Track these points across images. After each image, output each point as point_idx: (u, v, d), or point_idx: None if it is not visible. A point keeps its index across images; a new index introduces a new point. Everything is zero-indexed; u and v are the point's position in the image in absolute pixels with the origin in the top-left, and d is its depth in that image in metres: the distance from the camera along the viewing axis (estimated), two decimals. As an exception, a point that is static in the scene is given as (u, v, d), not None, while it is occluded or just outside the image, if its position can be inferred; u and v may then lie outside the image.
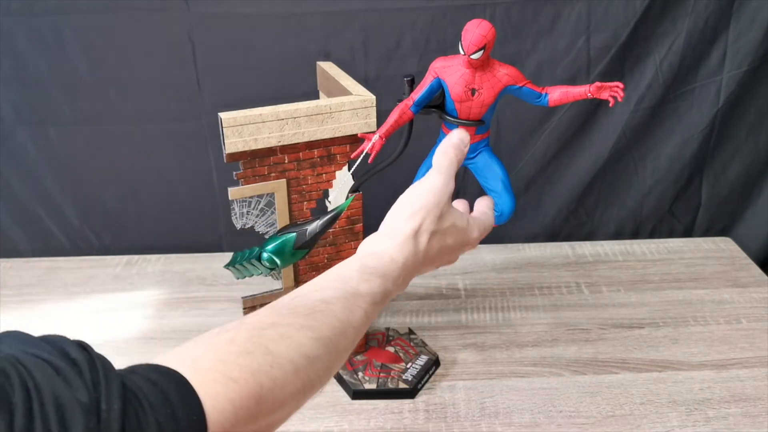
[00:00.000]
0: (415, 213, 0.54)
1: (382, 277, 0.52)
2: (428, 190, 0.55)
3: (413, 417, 0.79)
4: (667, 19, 1.03)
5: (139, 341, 0.93)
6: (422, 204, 0.55)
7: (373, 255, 0.54)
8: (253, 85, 1.04)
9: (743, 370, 0.85)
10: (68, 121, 1.07)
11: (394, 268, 0.53)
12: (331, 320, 0.48)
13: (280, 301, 0.49)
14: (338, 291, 0.50)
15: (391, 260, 0.53)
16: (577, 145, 1.12)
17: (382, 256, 0.53)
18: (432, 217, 0.55)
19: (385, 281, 0.52)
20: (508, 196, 0.77)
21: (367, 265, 0.52)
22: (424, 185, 0.56)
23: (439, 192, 0.56)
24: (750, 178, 1.17)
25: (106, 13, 0.99)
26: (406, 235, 0.54)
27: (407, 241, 0.54)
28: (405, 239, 0.54)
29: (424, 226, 0.54)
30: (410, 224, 0.54)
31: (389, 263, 0.53)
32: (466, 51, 0.67)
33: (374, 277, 0.52)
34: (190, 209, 1.15)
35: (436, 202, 0.55)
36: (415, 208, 0.55)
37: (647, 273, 1.08)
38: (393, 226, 0.55)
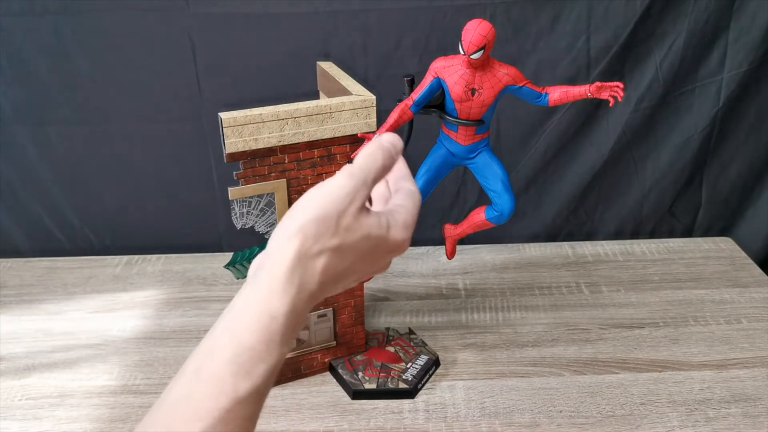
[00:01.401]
0: (304, 226, 0.39)
1: (266, 357, 0.38)
2: (327, 195, 0.40)
3: (413, 417, 0.79)
4: (667, 19, 1.03)
5: (139, 341, 0.93)
6: (318, 214, 0.39)
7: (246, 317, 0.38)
8: (253, 85, 1.04)
9: (743, 370, 0.85)
10: (68, 121, 1.07)
11: (277, 328, 0.38)
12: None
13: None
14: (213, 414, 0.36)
15: (271, 319, 0.38)
16: (577, 145, 1.12)
17: (259, 317, 0.38)
18: (330, 232, 0.39)
19: (270, 358, 0.38)
20: (508, 196, 0.77)
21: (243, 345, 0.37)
22: (323, 189, 0.40)
23: (344, 199, 0.40)
24: (750, 178, 1.17)
25: (106, 13, 0.99)
26: (289, 263, 0.38)
27: (292, 274, 0.38)
28: (288, 271, 0.38)
29: (317, 245, 0.39)
30: (295, 245, 0.38)
31: (270, 324, 0.38)
32: (466, 51, 0.67)
33: (255, 365, 0.37)
34: (190, 209, 1.15)
35: (338, 212, 0.39)
36: (305, 219, 0.39)
37: (647, 273, 1.07)
38: (275, 245, 0.40)
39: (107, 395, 0.82)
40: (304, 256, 0.39)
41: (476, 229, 0.82)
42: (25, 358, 0.89)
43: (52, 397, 0.82)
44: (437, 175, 0.79)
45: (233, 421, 0.37)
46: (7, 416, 0.79)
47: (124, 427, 0.78)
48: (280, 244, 0.39)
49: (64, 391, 0.83)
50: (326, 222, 0.39)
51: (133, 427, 0.77)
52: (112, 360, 0.89)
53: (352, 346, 0.87)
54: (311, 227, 0.39)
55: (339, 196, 0.40)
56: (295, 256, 0.38)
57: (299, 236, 0.39)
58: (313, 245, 0.39)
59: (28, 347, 0.92)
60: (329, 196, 0.40)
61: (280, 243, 0.39)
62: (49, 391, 0.83)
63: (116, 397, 0.82)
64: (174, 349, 0.91)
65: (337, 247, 0.40)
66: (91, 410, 0.80)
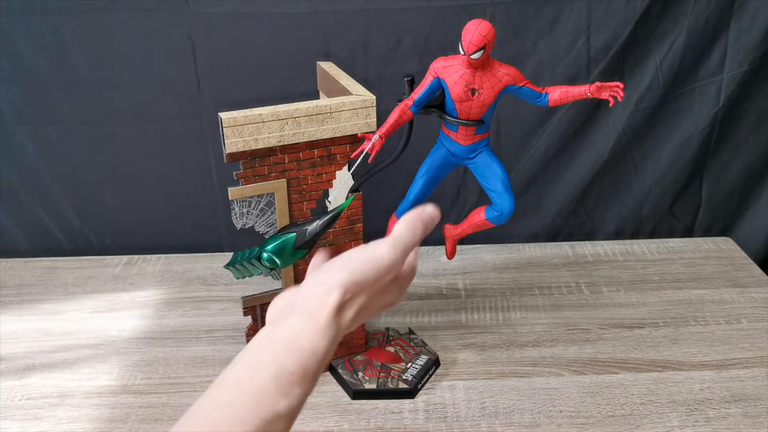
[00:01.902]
0: (346, 285, 0.44)
1: (303, 383, 0.42)
2: (373, 263, 0.45)
3: (413, 417, 0.79)
4: (667, 19, 1.03)
5: (139, 341, 0.93)
6: (360, 278, 0.45)
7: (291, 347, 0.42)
8: (253, 85, 1.04)
9: (743, 370, 0.85)
10: (68, 121, 1.07)
11: (314, 362, 0.43)
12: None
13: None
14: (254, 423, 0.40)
15: (311, 354, 0.42)
16: (577, 145, 1.12)
17: (302, 348, 0.42)
18: (365, 294, 0.45)
19: (306, 386, 0.42)
20: (508, 196, 0.77)
21: (285, 370, 0.41)
22: (370, 255, 0.46)
23: (386, 270, 0.45)
24: (750, 178, 1.17)
25: (106, 13, 0.99)
26: (329, 312, 0.43)
27: (331, 323, 0.44)
28: (328, 319, 0.43)
29: (352, 303, 0.45)
30: (335, 298, 0.44)
31: (310, 358, 0.42)
32: (466, 51, 0.67)
33: (294, 388, 0.41)
34: (190, 209, 1.15)
35: (375, 279, 0.45)
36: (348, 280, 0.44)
37: (647, 273, 1.07)
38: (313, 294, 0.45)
39: (107, 395, 0.82)
40: (341, 309, 0.44)
41: (476, 229, 0.82)
42: (25, 358, 0.89)
43: (52, 397, 0.82)
44: (437, 175, 0.79)
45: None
46: (7, 416, 0.79)
47: (124, 427, 0.78)
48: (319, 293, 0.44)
49: (64, 391, 0.83)
50: (365, 286, 0.45)
51: (134, 427, 0.77)
52: (112, 360, 0.89)
53: (352, 346, 0.87)
54: (352, 288, 0.44)
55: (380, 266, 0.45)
56: (335, 308, 0.44)
57: (340, 292, 0.44)
58: (350, 301, 0.45)
59: (28, 347, 0.92)
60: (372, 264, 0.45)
61: (320, 292, 0.44)
62: (49, 391, 0.83)
63: (116, 397, 0.82)
64: (174, 349, 0.91)
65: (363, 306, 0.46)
66: (91, 410, 0.80)
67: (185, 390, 0.83)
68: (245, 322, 0.83)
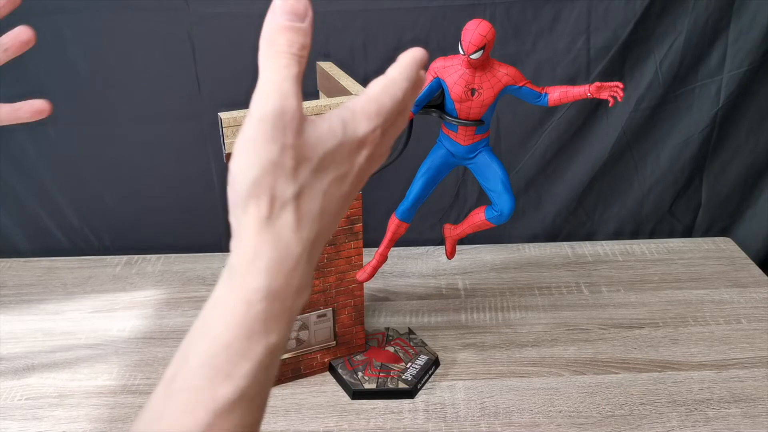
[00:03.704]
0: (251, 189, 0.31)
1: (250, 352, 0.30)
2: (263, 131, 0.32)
3: (413, 417, 0.79)
4: (667, 19, 1.03)
5: (139, 341, 0.93)
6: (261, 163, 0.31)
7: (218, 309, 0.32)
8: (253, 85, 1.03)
9: (743, 371, 0.85)
10: (68, 121, 1.06)
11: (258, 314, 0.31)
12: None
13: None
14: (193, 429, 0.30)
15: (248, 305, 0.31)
16: (577, 145, 1.12)
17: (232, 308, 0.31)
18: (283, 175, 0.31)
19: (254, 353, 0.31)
20: (508, 196, 0.77)
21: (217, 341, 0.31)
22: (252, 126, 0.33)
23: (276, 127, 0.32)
24: (750, 178, 1.17)
25: (106, 13, 0.99)
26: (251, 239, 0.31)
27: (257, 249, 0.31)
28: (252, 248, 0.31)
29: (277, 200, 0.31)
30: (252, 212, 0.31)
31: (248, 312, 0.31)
32: (465, 51, 0.68)
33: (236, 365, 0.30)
34: (190, 209, 1.15)
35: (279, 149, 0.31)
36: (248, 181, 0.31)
37: (647, 273, 1.07)
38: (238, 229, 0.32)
39: (107, 395, 0.83)
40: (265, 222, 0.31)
41: (476, 229, 0.82)
42: (25, 358, 0.89)
43: (51, 397, 0.82)
44: (437, 175, 0.79)
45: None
46: (7, 416, 0.79)
47: (124, 427, 0.78)
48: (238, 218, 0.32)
49: (63, 391, 0.83)
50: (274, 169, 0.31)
51: (133, 427, 0.77)
52: (111, 360, 0.89)
53: (351, 346, 0.87)
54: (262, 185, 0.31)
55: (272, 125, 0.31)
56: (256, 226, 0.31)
57: (252, 202, 0.31)
58: (272, 204, 0.31)
59: (28, 347, 0.92)
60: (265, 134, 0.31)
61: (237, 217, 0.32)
62: (49, 391, 0.83)
63: (116, 397, 0.82)
64: (174, 349, 0.90)
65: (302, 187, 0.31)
66: (91, 410, 0.80)
67: (185, 390, 0.83)
68: (245, 322, 0.83)
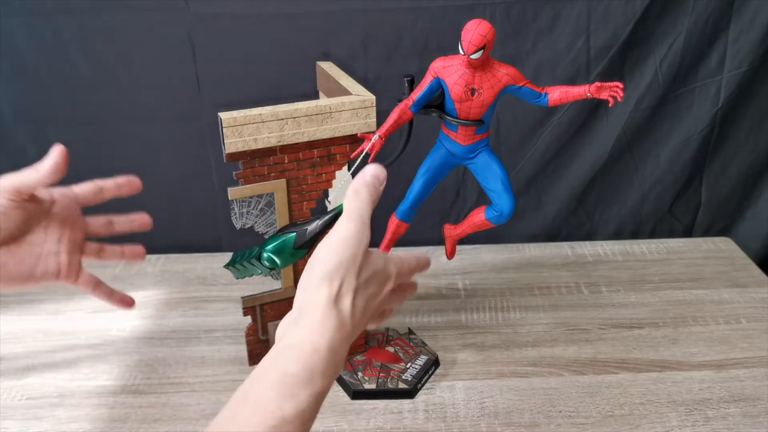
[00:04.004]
0: (329, 275, 0.45)
1: (309, 384, 0.42)
2: (340, 243, 0.46)
3: (413, 417, 0.79)
4: (667, 19, 1.03)
5: (139, 341, 0.93)
6: (336, 262, 0.45)
7: (291, 351, 0.43)
8: (253, 85, 1.04)
9: (743, 370, 0.85)
10: (68, 121, 1.07)
11: (319, 360, 0.43)
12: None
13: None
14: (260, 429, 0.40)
15: (313, 351, 0.43)
16: (577, 145, 1.12)
17: (301, 350, 0.43)
18: (351, 273, 0.46)
19: (313, 386, 0.42)
20: (508, 196, 0.77)
21: (287, 373, 0.42)
22: (333, 238, 0.47)
23: (354, 242, 0.46)
24: (750, 178, 1.17)
25: (106, 13, 0.99)
26: (323, 307, 0.44)
27: (327, 315, 0.44)
28: (323, 313, 0.44)
29: (344, 288, 0.45)
30: (325, 291, 0.45)
31: (311, 357, 0.43)
32: (465, 51, 0.67)
33: (299, 390, 0.41)
34: (190, 209, 1.15)
35: (353, 255, 0.46)
36: (328, 269, 0.45)
37: (647, 273, 1.07)
38: (306, 300, 0.45)
39: (107, 395, 0.83)
40: (334, 300, 0.45)
41: (476, 229, 0.82)
42: (25, 358, 0.89)
43: (52, 397, 0.82)
44: (437, 175, 0.79)
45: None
46: (7, 416, 0.79)
47: (124, 427, 0.78)
48: (309, 294, 0.45)
49: (64, 391, 0.83)
50: (346, 266, 0.45)
51: (133, 427, 0.77)
52: (111, 360, 0.89)
53: (351, 346, 0.87)
54: (334, 274, 0.45)
55: (349, 241, 0.46)
56: (326, 301, 0.44)
57: (325, 284, 0.45)
58: (341, 288, 0.45)
59: (28, 347, 0.92)
60: (342, 243, 0.46)
61: (309, 294, 0.45)
62: (49, 391, 0.83)
63: (116, 397, 0.82)
64: (174, 349, 0.91)
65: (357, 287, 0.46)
66: (91, 410, 0.80)
67: (185, 390, 0.83)
68: (245, 322, 0.83)
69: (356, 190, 0.49)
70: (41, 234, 0.62)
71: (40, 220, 0.62)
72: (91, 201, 0.68)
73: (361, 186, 0.49)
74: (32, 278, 0.61)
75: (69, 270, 0.64)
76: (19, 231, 0.60)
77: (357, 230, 0.47)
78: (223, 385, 0.84)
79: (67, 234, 0.64)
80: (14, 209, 0.59)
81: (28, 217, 0.61)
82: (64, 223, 0.64)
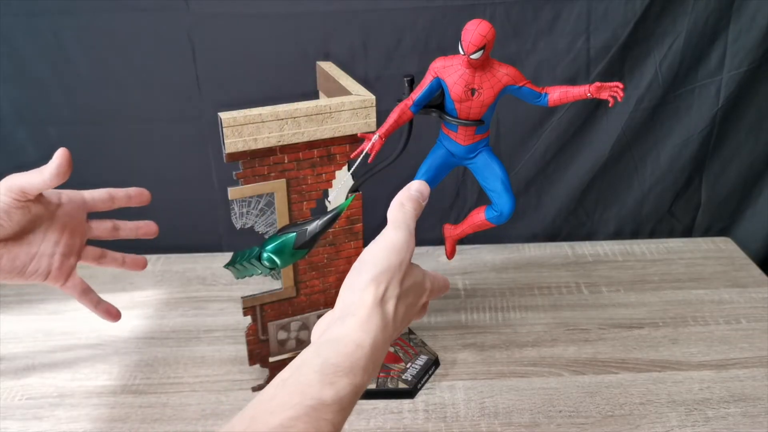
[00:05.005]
0: (377, 277, 0.47)
1: (350, 374, 0.43)
2: (389, 249, 0.49)
3: (413, 417, 0.79)
4: (667, 19, 1.03)
5: (139, 341, 0.93)
6: (385, 266, 0.48)
7: (334, 344, 0.44)
8: (253, 85, 1.04)
9: (743, 370, 0.85)
10: (68, 121, 1.07)
11: (362, 356, 0.44)
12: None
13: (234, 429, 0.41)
14: (298, 408, 0.41)
15: (357, 347, 0.44)
16: (577, 145, 1.12)
17: (345, 343, 0.44)
18: (396, 280, 0.48)
19: (354, 377, 0.43)
20: (508, 196, 0.77)
21: (328, 362, 0.43)
22: (382, 244, 0.49)
23: (402, 250, 0.49)
24: (750, 178, 1.17)
25: (106, 13, 0.99)
26: (369, 307, 0.46)
27: (372, 315, 0.46)
28: (369, 313, 0.46)
29: (389, 292, 0.47)
30: (372, 292, 0.47)
31: (355, 351, 0.44)
32: (465, 51, 0.67)
33: (339, 378, 0.43)
34: (190, 209, 1.15)
35: (400, 262, 0.48)
36: (376, 272, 0.48)
37: (647, 273, 1.08)
38: (353, 300, 0.47)
39: (107, 395, 0.83)
40: (380, 301, 0.47)
41: (476, 229, 0.82)
42: (25, 358, 0.89)
43: (52, 397, 0.82)
44: (437, 176, 0.79)
45: (317, 420, 0.41)
46: (7, 416, 0.79)
47: (124, 427, 0.78)
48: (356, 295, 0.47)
49: (64, 391, 0.83)
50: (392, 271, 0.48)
51: (133, 427, 0.78)
52: (112, 360, 0.89)
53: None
54: (381, 277, 0.47)
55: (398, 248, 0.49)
56: (373, 301, 0.46)
57: (372, 286, 0.47)
58: (386, 291, 0.47)
59: (28, 347, 0.92)
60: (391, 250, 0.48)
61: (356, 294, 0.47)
62: (49, 391, 0.83)
63: (116, 397, 0.82)
64: (174, 349, 0.91)
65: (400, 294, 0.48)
66: (91, 410, 0.80)
67: (185, 390, 0.83)
68: (245, 322, 0.83)
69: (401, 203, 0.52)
70: (41, 235, 0.62)
71: (43, 221, 0.63)
72: (99, 208, 0.68)
73: (407, 200, 0.52)
74: (21, 275, 0.62)
75: (59, 273, 0.64)
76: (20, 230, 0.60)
77: (405, 239, 0.49)
78: (223, 385, 0.84)
79: (66, 238, 0.64)
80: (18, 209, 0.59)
81: (32, 218, 0.61)
82: (66, 227, 0.64)
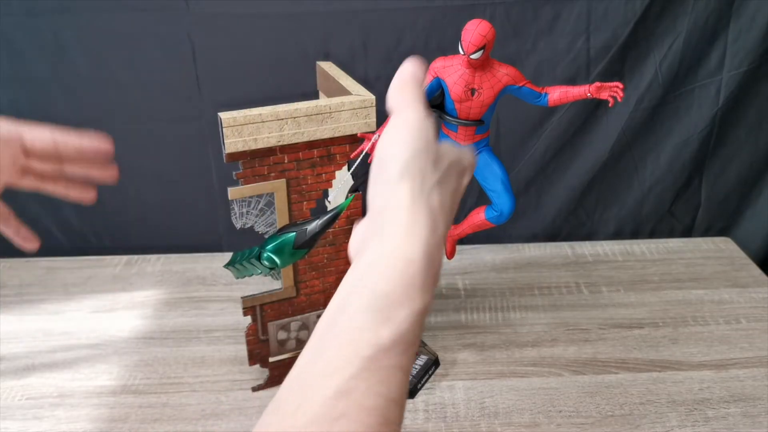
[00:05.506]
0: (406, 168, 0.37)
1: (406, 301, 0.34)
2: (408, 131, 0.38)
3: (413, 417, 0.79)
4: (667, 19, 1.03)
5: (139, 341, 0.93)
6: (410, 152, 0.37)
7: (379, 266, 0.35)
8: (253, 85, 1.04)
9: (743, 370, 0.85)
10: (68, 121, 1.06)
11: (416, 271, 0.34)
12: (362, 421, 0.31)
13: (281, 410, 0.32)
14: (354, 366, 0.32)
15: (407, 262, 0.34)
16: (577, 145, 1.12)
17: (392, 262, 0.34)
18: (430, 163, 0.38)
19: (412, 303, 0.34)
20: (508, 196, 0.77)
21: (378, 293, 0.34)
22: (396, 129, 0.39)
23: (423, 128, 0.38)
24: (750, 178, 1.17)
25: (106, 13, 0.99)
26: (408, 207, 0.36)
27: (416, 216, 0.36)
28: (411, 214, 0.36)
29: (427, 181, 0.37)
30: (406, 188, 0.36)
31: (407, 268, 0.34)
32: (465, 51, 0.68)
33: (396, 310, 0.33)
34: (190, 209, 1.15)
35: (426, 143, 0.38)
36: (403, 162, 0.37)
37: (647, 273, 1.08)
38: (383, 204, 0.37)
39: (107, 395, 0.83)
40: (418, 196, 0.36)
41: (476, 229, 0.82)
42: (25, 358, 0.89)
43: (52, 397, 0.82)
44: (437, 175, 0.79)
45: (379, 371, 0.32)
46: (7, 416, 0.79)
47: (124, 427, 0.78)
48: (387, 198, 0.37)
49: (64, 391, 0.83)
50: (422, 156, 0.37)
51: (133, 427, 0.77)
52: (111, 360, 0.89)
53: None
54: (412, 165, 0.37)
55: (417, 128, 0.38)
56: (411, 199, 0.36)
57: (406, 179, 0.37)
58: (422, 183, 0.37)
59: (28, 347, 0.92)
60: (409, 132, 0.38)
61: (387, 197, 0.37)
62: (49, 391, 0.83)
63: (116, 397, 0.82)
64: (173, 349, 0.91)
65: (441, 179, 0.38)
66: (91, 410, 0.80)
67: (185, 390, 0.83)
68: (245, 322, 0.83)
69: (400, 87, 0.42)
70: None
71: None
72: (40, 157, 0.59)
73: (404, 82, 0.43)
74: None
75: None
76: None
77: (421, 116, 0.39)
78: (223, 385, 0.84)
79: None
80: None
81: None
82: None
